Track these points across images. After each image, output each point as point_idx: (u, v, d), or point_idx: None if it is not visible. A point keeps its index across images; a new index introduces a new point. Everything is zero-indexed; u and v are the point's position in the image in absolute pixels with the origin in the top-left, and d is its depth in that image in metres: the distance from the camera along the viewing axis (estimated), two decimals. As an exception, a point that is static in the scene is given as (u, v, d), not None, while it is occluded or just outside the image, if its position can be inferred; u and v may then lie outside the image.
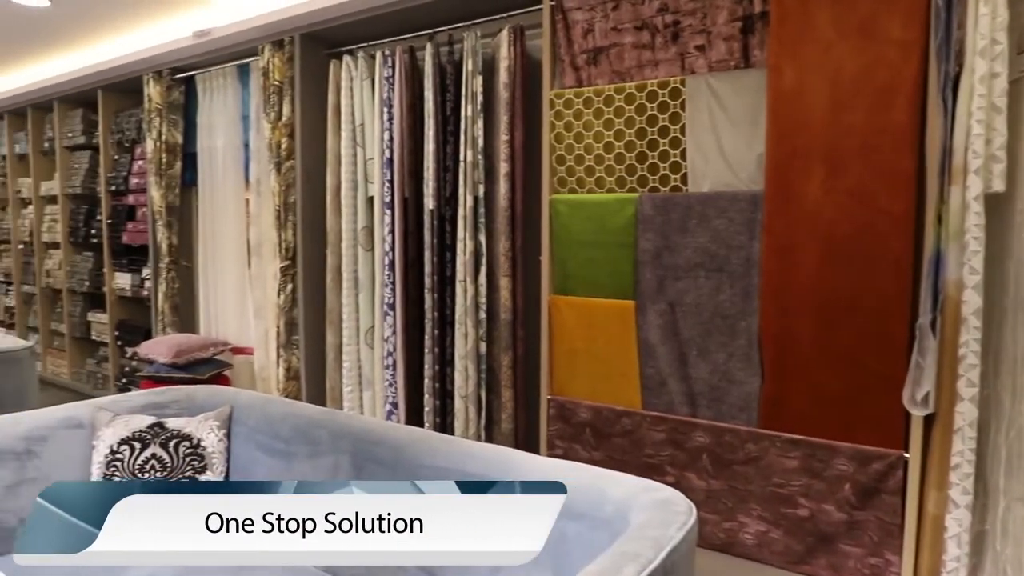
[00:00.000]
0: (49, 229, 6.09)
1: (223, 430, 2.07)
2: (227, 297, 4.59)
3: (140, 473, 1.96)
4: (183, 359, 3.99)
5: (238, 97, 4.38)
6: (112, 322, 5.39)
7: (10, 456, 1.88)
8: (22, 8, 4.19)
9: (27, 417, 1.96)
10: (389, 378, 3.44)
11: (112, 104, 5.37)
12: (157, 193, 4.66)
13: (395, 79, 3.34)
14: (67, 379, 6.00)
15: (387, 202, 3.38)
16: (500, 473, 1.54)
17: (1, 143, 6.69)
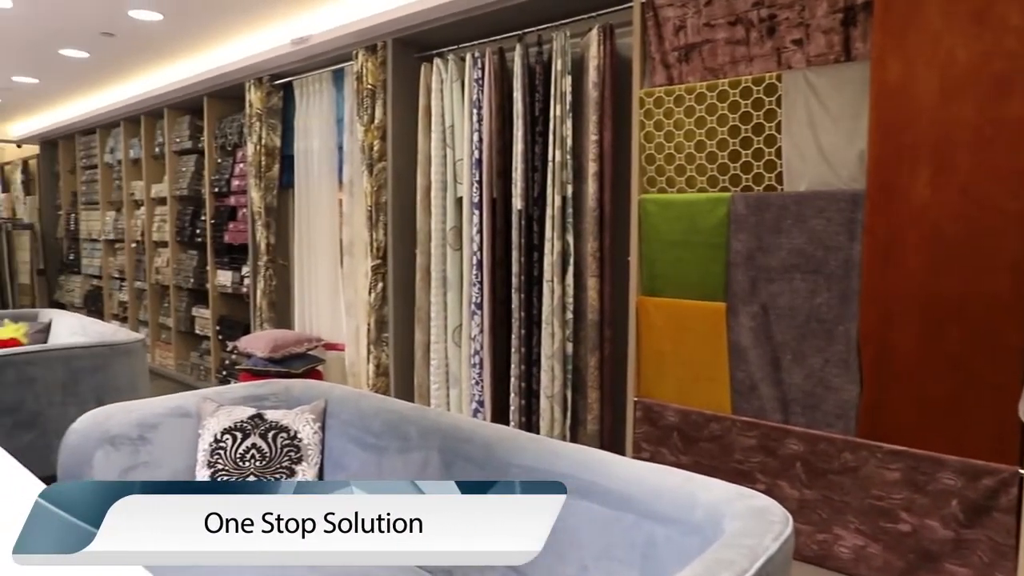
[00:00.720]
0: (158, 229, 6.46)
1: (318, 423, 2.15)
2: (320, 294, 4.76)
3: (241, 462, 2.06)
4: (279, 354, 4.15)
5: (332, 101, 4.53)
6: (214, 317, 5.67)
7: (126, 441, 2.01)
8: (139, 23, 4.46)
9: (141, 405, 2.09)
10: (476, 376, 3.48)
11: (216, 110, 5.64)
12: (256, 194, 4.86)
13: (484, 80, 3.37)
14: (173, 370, 6.35)
15: (475, 202, 3.42)
16: (589, 474, 1.54)
17: (118, 148, 7.14)
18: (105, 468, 1.98)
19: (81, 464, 1.95)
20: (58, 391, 3.12)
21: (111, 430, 2.00)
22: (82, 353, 3.21)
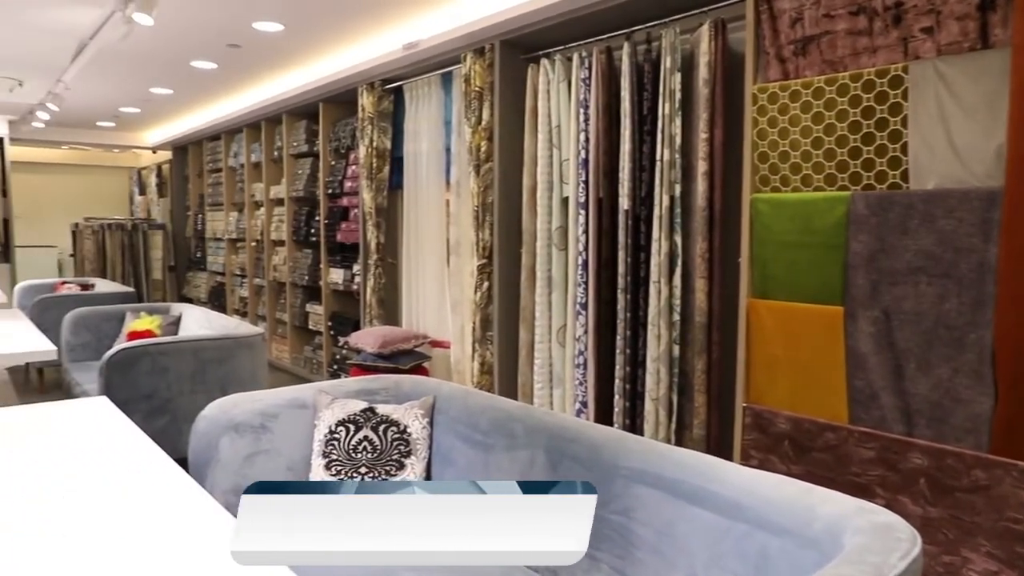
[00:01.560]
0: (276, 229, 6.79)
1: (427, 418, 2.20)
2: (427, 293, 4.87)
3: (353, 453, 2.13)
4: (388, 349, 4.28)
5: (441, 104, 4.63)
6: (326, 313, 5.91)
7: (249, 429, 2.12)
8: (262, 34, 4.71)
9: (263, 396, 2.20)
10: (579, 377, 3.48)
11: (331, 115, 5.88)
12: (368, 195, 5.03)
13: (591, 80, 3.36)
14: (288, 363, 6.67)
15: (582, 202, 3.41)
16: (699, 479, 1.51)
17: (241, 153, 7.56)
18: (230, 453, 2.10)
19: (209, 448, 2.08)
20: (187, 380, 3.34)
21: (236, 418, 2.12)
22: (209, 345, 3.42)
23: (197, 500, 1.27)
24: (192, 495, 1.29)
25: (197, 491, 1.30)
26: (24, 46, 5.12)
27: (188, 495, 1.29)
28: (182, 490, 1.31)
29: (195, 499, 1.27)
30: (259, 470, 2.14)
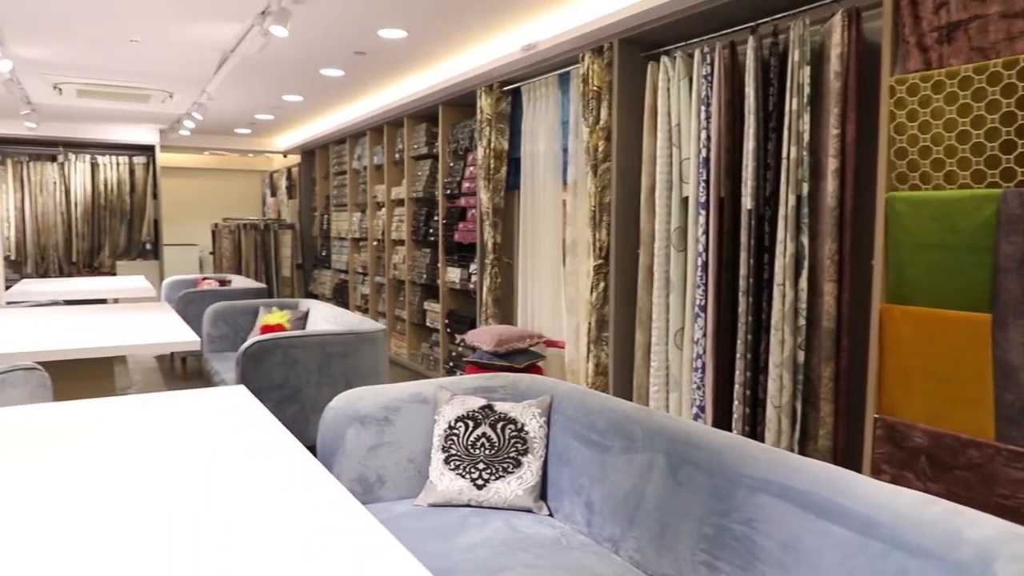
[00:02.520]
0: (396, 228, 7.02)
1: (544, 417, 2.21)
2: (542, 292, 4.90)
3: (472, 449, 2.17)
4: (503, 348, 4.33)
5: (558, 104, 4.64)
6: (443, 311, 6.05)
7: (373, 422, 2.21)
8: (386, 41, 4.88)
9: (386, 390, 2.28)
10: (697, 381, 3.39)
11: (450, 117, 6.02)
12: (485, 196, 5.12)
13: (714, 76, 3.27)
14: (406, 359, 6.88)
15: (702, 202, 3.33)
16: (830, 493, 1.43)
17: (364, 155, 7.87)
18: (355, 444, 2.19)
19: (336, 438, 2.17)
20: (315, 372, 3.51)
21: (361, 410, 2.21)
22: (334, 340, 3.58)
23: (328, 488, 1.33)
24: (324, 483, 1.35)
25: (329, 480, 1.37)
26: (175, 61, 5.54)
27: (320, 483, 1.35)
28: (314, 478, 1.38)
29: (326, 487, 1.33)
30: (382, 461, 2.22)
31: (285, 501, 1.26)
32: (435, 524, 2.04)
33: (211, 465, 1.45)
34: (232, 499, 1.27)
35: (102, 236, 9.54)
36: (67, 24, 4.59)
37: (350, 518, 1.19)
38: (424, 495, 2.19)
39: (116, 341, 2.94)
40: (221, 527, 1.16)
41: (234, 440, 1.62)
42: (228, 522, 1.18)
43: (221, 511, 1.22)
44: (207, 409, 1.89)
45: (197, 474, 1.40)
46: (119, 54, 5.38)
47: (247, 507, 1.24)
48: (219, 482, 1.36)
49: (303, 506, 1.24)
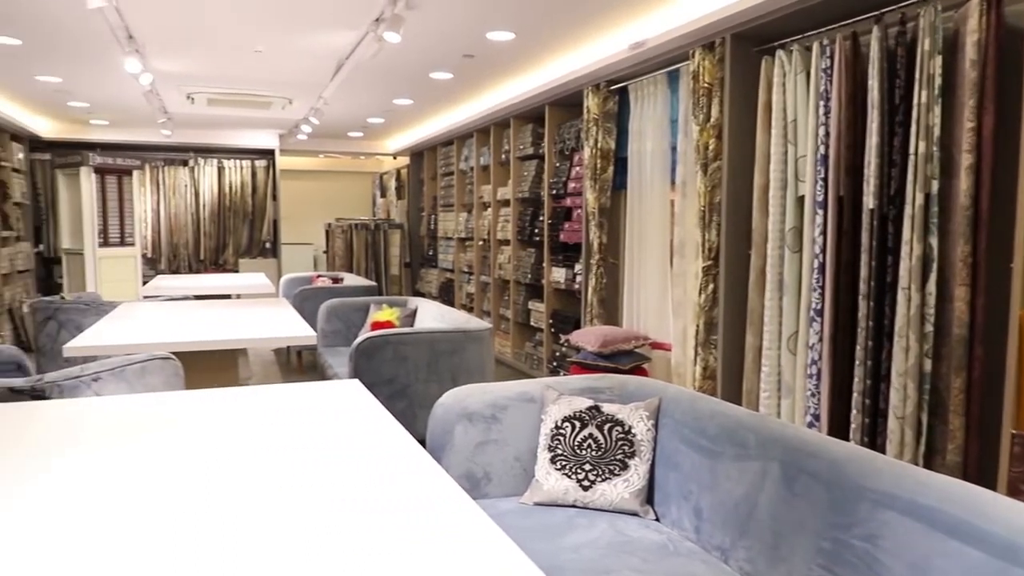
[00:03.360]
0: (502, 228, 7.10)
1: (652, 420, 2.18)
2: (648, 293, 4.83)
3: (579, 450, 2.17)
4: (608, 349, 4.30)
5: (667, 102, 4.56)
6: (548, 311, 6.07)
7: (481, 419, 2.24)
8: (494, 44, 4.94)
9: (494, 388, 2.32)
10: (812, 388, 3.25)
11: (556, 117, 6.03)
12: (591, 196, 5.09)
13: (834, 69, 3.13)
14: (509, 358, 6.94)
15: (819, 201, 3.19)
16: (963, 512, 1.34)
17: (471, 156, 8.01)
18: (463, 440, 2.23)
19: (445, 433, 2.22)
20: (423, 368, 3.60)
21: (469, 407, 2.25)
22: (442, 337, 3.66)
23: (440, 483, 1.36)
24: (436, 478, 1.38)
25: (442, 475, 1.40)
26: (294, 69, 5.82)
27: (432, 477, 1.38)
28: (427, 472, 1.41)
29: (439, 482, 1.36)
30: (489, 458, 2.25)
31: (398, 493, 1.30)
32: (541, 523, 2.05)
33: (328, 455, 1.52)
34: (347, 488, 1.33)
35: (227, 235, 10.14)
36: (200, 38, 4.91)
37: (462, 513, 1.22)
38: (530, 493, 2.21)
39: (242, 334, 3.11)
40: (336, 515, 1.21)
41: (350, 432, 1.68)
42: (343, 511, 1.23)
43: (337, 500, 1.27)
44: (324, 401, 1.97)
45: (315, 463, 1.47)
46: (245, 64, 5.70)
47: (361, 497, 1.28)
48: (335, 471, 1.42)
49: (416, 499, 1.28)
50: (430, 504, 1.25)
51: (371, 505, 1.25)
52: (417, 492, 1.31)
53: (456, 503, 1.26)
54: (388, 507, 1.24)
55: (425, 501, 1.27)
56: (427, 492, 1.31)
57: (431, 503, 1.26)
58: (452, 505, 1.25)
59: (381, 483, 1.35)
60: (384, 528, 1.16)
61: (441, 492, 1.31)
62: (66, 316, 4.82)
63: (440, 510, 1.23)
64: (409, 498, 1.28)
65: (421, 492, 1.31)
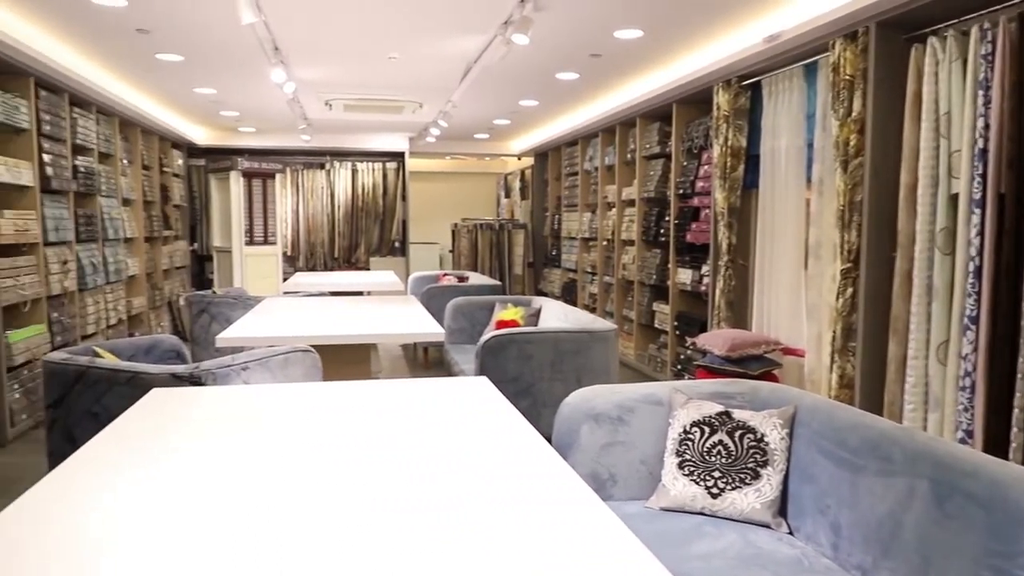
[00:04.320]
0: (627, 229, 7.02)
1: (786, 429, 2.09)
2: (780, 297, 4.63)
3: (708, 456, 2.11)
4: (736, 353, 4.16)
5: (803, 97, 4.36)
6: (672, 313, 5.95)
7: (607, 420, 2.23)
8: (621, 42, 4.90)
9: (621, 389, 2.30)
10: (964, 402, 3.01)
11: (684, 115, 5.90)
12: (720, 195, 4.95)
13: (996, 56, 2.88)
14: (632, 360, 6.86)
15: (976, 199, 2.95)
16: None
17: (595, 156, 7.97)
18: (589, 441, 2.23)
19: (571, 433, 2.22)
20: (547, 367, 3.62)
21: (596, 408, 2.24)
22: (567, 337, 3.67)
23: (569, 483, 1.36)
24: (565, 478, 1.39)
25: (571, 475, 1.40)
26: (425, 74, 6.01)
27: (561, 477, 1.39)
28: (555, 471, 1.42)
29: (568, 482, 1.36)
30: (614, 460, 2.24)
31: (528, 490, 1.32)
32: (667, 529, 2.01)
33: (458, 449, 1.55)
34: (476, 483, 1.35)
35: (359, 235, 10.61)
36: (339, 48, 5.16)
37: (593, 514, 1.21)
38: (656, 498, 2.17)
39: (375, 330, 3.25)
40: (466, 509, 1.24)
41: (479, 427, 1.72)
42: (472, 505, 1.25)
43: (466, 493, 1.30)
44: (454, 397, 2.02)
45: (446, 456, 1.51)
46: (379, 71, 5.94)
47: (490, 492, 1.31)
48: (465, 465, 1.45)
49: (545, 497, 1.28)
50: (560, 503, 1.26)
51: (500, 500, 1.27)
52: (546, 490, 1.32)
53: (586, 504, 1.26)
54: (517, 503, 1.26)
55: (555, 500, 1.27)
56: (557, 491, 1.31)
57: (561, 502, 1.26)
58: (583, 506, 1.25)
59: (510, 479, 1.37)
60: (513, 524, 1.17)
61: (571, 492, 1.31)
62: (217, 309, 5.20)
63: (570, 510, 1.23)
64: (538, 496, 1.29)
65: (550, 491, 1.32)
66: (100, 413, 2.48)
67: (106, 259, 6.28)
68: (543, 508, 1.24)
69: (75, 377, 2.51)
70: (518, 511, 1.22)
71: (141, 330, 7.39)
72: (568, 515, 1.21)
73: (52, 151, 5.29)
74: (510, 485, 1.34)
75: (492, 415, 1.83)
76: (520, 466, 1.45)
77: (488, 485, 1.34)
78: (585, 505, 1.25)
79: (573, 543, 1.10)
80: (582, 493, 1.30)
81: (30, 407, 4.85)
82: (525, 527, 1.16)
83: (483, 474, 1.40)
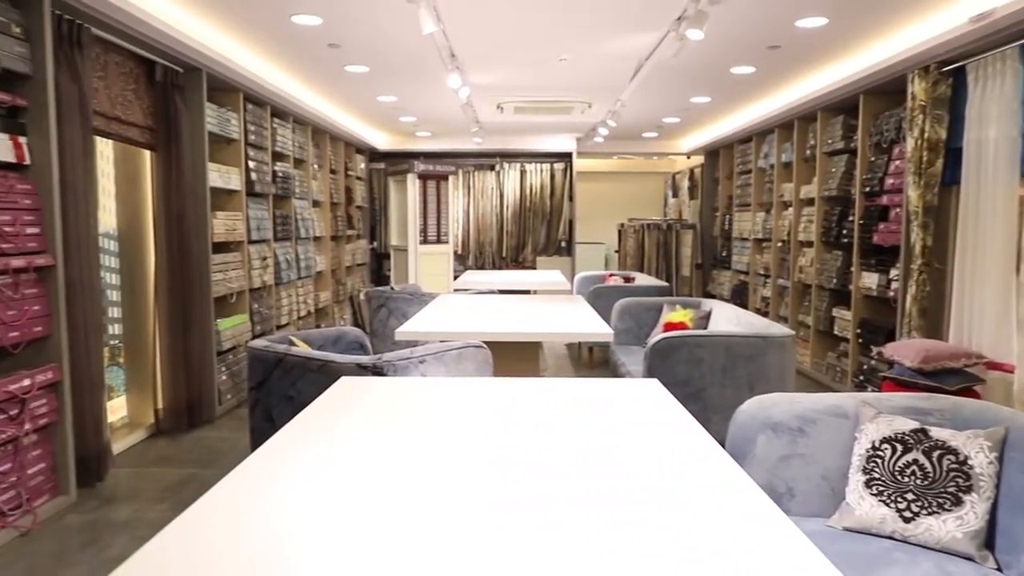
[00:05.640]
0: (804, 229, 6.64)
1: (995, 452, 1.88)
2: (984, 305, 4.17)
3: (900, 476, 1.95)
4: (931, 366, 3.81)
5: (1018, 81, 3.90)
6: (855, 320, 5.55)
7: (786, 431, 2.11)
8: (802, 31, 4.63)
9: (802, 399, 2.17)
10: None
11: (872, 107, 5.48)
12: (914, 193, 4.55)
13: None
14: (807, 368, 6.47)
15: None
16: None
17: (771, 153, 7.60)
18: (766, 451, 2.12)
19: (747, 442, 2.13)
20: (718, 372, 3.50)
21: (773, 417, 2.13)
22: (740, 341, 3.52)
23: (748, 494, 1.30)
24: (744, 489, 1.33)
25: (750, 486, 1.34)
26: (595, 74, 6.01)
27: (740, 488, 1.34)
28: (733, 481, 1.37)
29: (747, 493, 1.31)
30: (793, 473, 2.12)
31: (703, 498, 1.28)
32: (852, 551, 1.88)
33: (630, 451, 1.54)
34: (649, 487, 1.33)
35: (526, 234, 10.81)
36: (512, 52, 5.28)
37: (775, 528, 1.15)
38: (839, 517, 2.03)
39: (544, 328, 3.30)
40: (637, 513, 1.22)
41: (650, 430, 1.69)
42: (644, 510, 1.23)
43: (639, 497, 1.28)
44: (624, 398, 2.00)
45: (618, 457, 1.50)
46: (549, 73, 6.01)
47: (664, 497, 1.28)
48: (637, 468, 1.43)
49: (722, 506, 1.24)
50: (739, 514, 1.21)
51: (675, 506, 1.24)
52: (725, 500, 1.27)
53: (769, 517, 1.20)
54: (694, 511, 1.22)
55: (734, 511, 1.22)
56: (736, 502, 1.26)
57: (739, 512, 1.21)
58: (764, 519, 1.19)
59: (685, 486, 1.34)
60: (690, 532, 1.14)
61: (750, 503, 1.26)
62: (394, 304, 5.50)
63: (749, 521, 1.18)
64: (716, 505, 1.25)
65: (729, 500, 1.27)
66: (295, 396, 2.70)
67: (298, 256, 6.84)
68: (721, 518, 1.19)
69: (274, 363, 2.75)
70: (695, 518, 1.19)
71: (326, 322, 7.98)
72: (749, 528, 1.16)
73: (256, 158, 5.84)
74: (685, 491, 1.31)
75: (664, 418, 1.80)
76: (696, 473, 1.41)
77: (662, 490, 1.32)
78: (767, 519, 1.19)
79: (756, 558, 1.06)
80: (764, 506, 1.24)
81: (234, 388, 5.38)
82: (703, 536, 1.13)
83: (656, 478, 1.38)
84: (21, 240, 3.24)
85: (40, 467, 3.35)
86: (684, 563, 1.04)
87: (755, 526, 1.16)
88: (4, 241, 3.14)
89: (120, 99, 4.31)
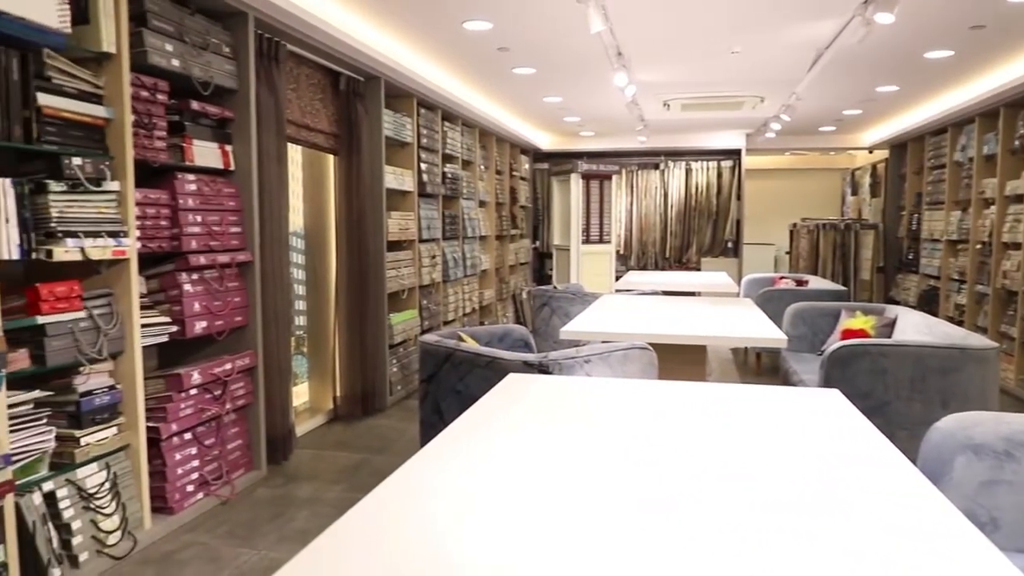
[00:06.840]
0: (1010, 230, 5.96)
1: None
2: None
3: None
4: None
5: None
6: (1073, 332, 4.90)
7: (990, 453, 1.90)
8: (1013, 6, 4.15)
9: (1012, 419, 1.94)
10: None
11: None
12: None
13: None
14: (1012, 385, 5.80)
15: None
16: None
17: (970, 146, 6.90)
18: (964, 475, 1.92)
19: (942, 464, 1.94)
20: (906, 386, 3.22)
21: (975, 437, 1.92)
22: (932, 353, 3.22)
23: (950, 519, 1.18)
24: (944, 512, 1.21)
25: (952, 510, 1.22)
26: (769, 66, 5.72)
27: (938, 511, 1.21)
28: (930, 503, 1.24)
29: (947, 517, 1.19)
30: (998, 501, 1.90)
31: (896, 521, 1.17)
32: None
33: (811, 465, 1.44)
34: (833, 504, 1.24)
35: (690, 235, 10.52)
36: (680, 47, 5.15)
37: (982, 561, 1.04)
38: (1055, 554, 1.80)
39: (711, 331, 3.18)
40: (820, 533, 1.13)
41: (833, 445, 1.58)
42: (829, 528, 1.15)
43: (823, 515, 1.20)
44: (801, 408, 1.89)
45: (798, 471, 1.41)
46: (720, 67, 5.81)
47: (851, 516, 1.19)
48: (819, 484, 1.34)
49: (918, 532, 1.13)
50: (939, 543, 1.10)
51: (864, 527, 1.15)
52: (920, 524, 1.16)
53: (973, 544, 1.08)
54: (886, 533, 1.12)
55: (931, 538, 1.11)
56: (933, 527, 1.15)
57: (938, 540, 1.10)
58: (968, 546, 1.07)
59: (875, 506, 1.23)
60: (882, 558, 1.05)
61: (952, 532, 1.13)
62: (557, 303, 5.54)
63: (951, 551, 1.07)
64: (911, 529, 1.14)
65: (925, 525, 1.15)
66: (462, 391, 2.79)
67: (464, 254, 7.08)
68: (917, 544, 1.09)
69: (444, 357, 2.85)
70: (886, 534, 1.09)
71: (490, 319, 8.20)
72: (949, 557, 1.04)
73: (427, 160, 6.11)
74: (875, 511, 1.21)
75: (847, 433, 1.67)
76: (887, 493, 1.30)
77: (845, 507, 1.22)
78: (972, 546, 1.07)
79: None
80: (970, 536, 1.12)
81: (403, 380, 5.66)
82: (899, 564, 1.03)
83: (841, 496, 1.28)
84: (226, 238, 3.60)
85: (238, 443, 3.70)
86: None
87: (956, 558, 1.05)
88: (213, 239, 3.49)
89: (309, 108, 4.67)
